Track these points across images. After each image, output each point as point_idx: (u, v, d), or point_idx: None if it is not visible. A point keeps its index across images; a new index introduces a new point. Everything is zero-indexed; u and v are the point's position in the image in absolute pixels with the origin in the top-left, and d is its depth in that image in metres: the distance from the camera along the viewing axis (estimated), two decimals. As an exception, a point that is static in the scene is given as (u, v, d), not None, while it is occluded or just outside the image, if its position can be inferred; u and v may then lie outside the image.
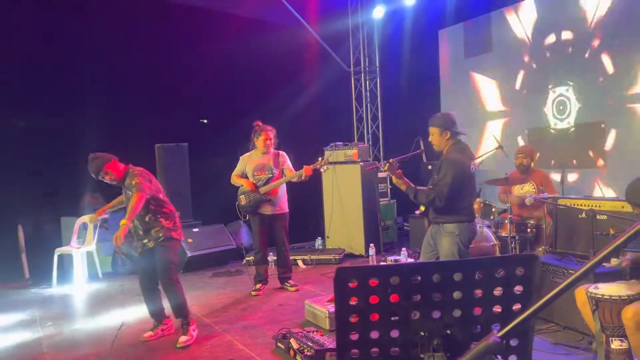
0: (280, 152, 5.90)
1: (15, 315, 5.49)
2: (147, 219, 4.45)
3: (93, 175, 4.46)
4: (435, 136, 4.07)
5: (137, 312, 5.31)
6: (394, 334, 1.54)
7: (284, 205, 5.85)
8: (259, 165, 5.78)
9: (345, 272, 1.50)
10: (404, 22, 8.61)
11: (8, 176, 7.04)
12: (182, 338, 4.36)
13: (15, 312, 5.61)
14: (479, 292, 1.54)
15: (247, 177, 5.81)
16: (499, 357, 1.00)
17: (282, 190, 5.83)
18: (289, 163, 5.86)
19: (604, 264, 3.70)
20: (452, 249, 3.93)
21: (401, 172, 4.08)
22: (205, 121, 9.68)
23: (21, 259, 6.98)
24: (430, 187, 4.01)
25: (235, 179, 5.87)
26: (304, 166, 5.53)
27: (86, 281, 6.76)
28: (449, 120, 4.06)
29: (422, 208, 4.14)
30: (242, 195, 5.80)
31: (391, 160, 4.16)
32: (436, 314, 1.53)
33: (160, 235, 4.45)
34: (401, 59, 8.88)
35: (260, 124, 5.84)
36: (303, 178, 5.55)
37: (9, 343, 4.65)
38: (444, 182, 3.87)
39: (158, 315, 4.63)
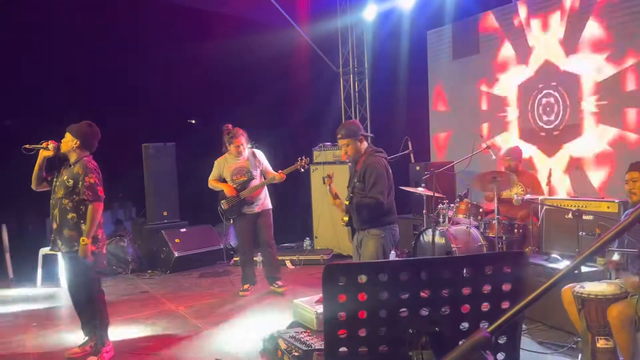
0: (256, 151, 5.87)
1: (-2, 316, 5.41)
2: (69, 216, 3.91)
3: (68, 130, 4.01)
4: (351, 146, 4.09)
5: (121, 315, 5.26)
6: (383, 331, 1.54)
7: (266, 202, 5.85)
8: (237, 169, 5.75)
9: (334, 270, 1.50)
10: (393, 23, 8.63)
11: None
12: (92, 358, 3.99)
13: (-2, 313, 5.53)
14: (467, 290, 1.54)
15: (225, 181, 5.77)
16: (488, 352, 1.00)
17: (264, 190, 5.82)
18: (266, 162, 5.85)
19: (588, 264, 3.74)
20: (378, 252, 3.97)
21: (337, 193, 4.15)
22: (194, 122, 9.63)
23: (5, 258, 6.88)
24: (352, 194, 4.07)
25: (213, 184, 5.83)
26: (279, 171, 5.61)
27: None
28: (357, 128, 4.15)
29: (346, 218, 4.15)
30: (224, 200, 5.77)
31: (331, 173, 4.26)
32: (424, 311, 1.53)
33: (75, 244, 3.89)
34: (390, 59, 8.88)
35: (230, 127, 5.74)
36: (278, 179, 5.61)
37: (-9, 344, 4.58)
38: (380, 188, 3.92)
39: (89, 330, 4.17)
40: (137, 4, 7.80)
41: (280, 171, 5.60)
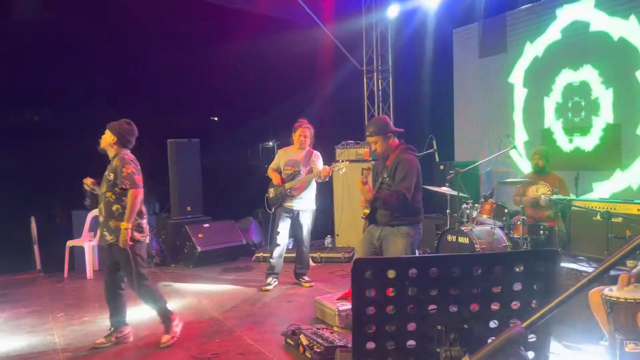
0: (315, 151, 5.97)
1: (27, 305, 5.54)
2: (113, 208, 4.09)
3: (107, 128, 4.19)
4: (380, 143, 4.08)
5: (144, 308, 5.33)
6: (411, 327, 1.53)
7: (309, 202, 5.91)
8: (290, 161, 5.90)
9: (363, 264, 1.50)
10: (418, 21, 8.57)
11: (22, 170, 7.11)
12: (165, 337, 4.17)
13: (27, 302, 5.65)
14: (497, 287, 1.53)
15: (281, 172, 5.93)
16: (522, 348, 0.99)
17: (309, 188, 5.88)
18: (319, 164, 5.88)
19: (619, 267, 3.67)
20: (407, 251, 3.95)
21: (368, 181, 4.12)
22: (216, 119, 9.72)
23: (33, 250, 7.04)
24: (381, 189, 4.04)
25: (270, 172, 6.03)
26: (324, 166, 5.61)
27: (96, 274, 6.79)
28: (386, 124, 4.11)
29: (367, 211, 4.12)
30: (271, 189, 5.94)
31: (369, 167, 4.22)
32: (453, 308, 1.52)
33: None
34: (414, 58, 8.82)
35: (303, 120, 5.95)
36: (322, 177, 5.60)
37: (21, 332, 4.69)
38: (407, 184, 3.90)
39: (116, 322, 4.29)
40: (165, 1, 7.89)
41: (324, 167, 5.60)
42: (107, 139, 4.18)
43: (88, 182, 4.36)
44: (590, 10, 6.36)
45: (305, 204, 5.87)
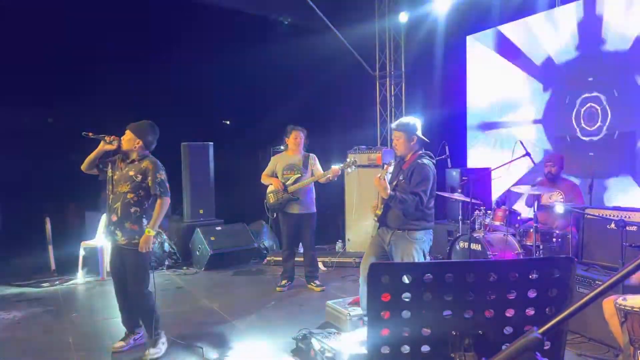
0: (312, 154, 5.99)
1: (41, 305, 5.60)
2: (132, 210, 3.97)
3: (129, 129, 4.04)
4: (401, 141, 4.09)
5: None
6: (425, 332, 1.54)
7: (311, 205, 5.92)
8: (289, 165, 5.88)
9: (379, 268, 1.51)
10: (431, 27, 8.57)
11: (37, 170, 7.21)
12: (152, 350, 4.01)
13: (41, 302, 5.72)
14: (512, 294, 1.53)
15: (277, 177, 5.91)
16: (538, 354, 1.00)
17: (310, 191, 5.88)
18: (318, 165, 5.94)
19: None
20: (418, 257, 3.96)
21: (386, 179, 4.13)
22: (228, 122, 9.78)
23: (48, 250, 7.12)
24: (395, 191, 4.04)
25: (265, 178, 5.99)
26: (332, 167, 5.59)
27: (109, 274, 6.85)
28: (415, 127, 4.11)
29: (379, 212, 4.11)
30: (271, 194, 5.89)
31: (391, 162, 4.24)
32: (468, 314, 1.53)
33: (136, 237, 3.96)
34: (428, 64, 8.82)
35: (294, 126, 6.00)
36: (330, 178, 5.62)
37: (35, 332, 4.75)
38: (424, 187, 3.92)
39: (131, 324, 4.24)
40: (177, 6, 7.97)
41: (333, 167, 5.59)
42: (132, 142, 4.04)
43: (110, 139, 4.03)
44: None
45: (308, 208, 5.89)
